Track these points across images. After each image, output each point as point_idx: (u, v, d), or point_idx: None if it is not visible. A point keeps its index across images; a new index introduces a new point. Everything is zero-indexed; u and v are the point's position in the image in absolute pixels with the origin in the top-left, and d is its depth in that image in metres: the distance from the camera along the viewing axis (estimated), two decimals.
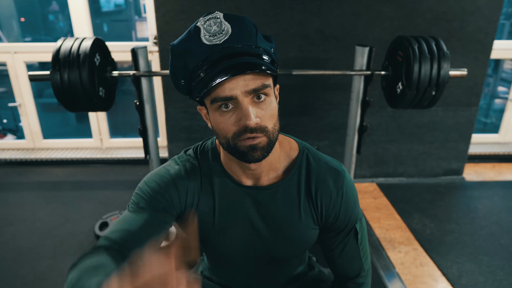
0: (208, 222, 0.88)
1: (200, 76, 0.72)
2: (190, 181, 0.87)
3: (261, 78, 0.72)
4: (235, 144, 0.75)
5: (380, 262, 2.08)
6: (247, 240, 0.90)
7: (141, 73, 1.77)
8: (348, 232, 0.90)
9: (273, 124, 0.76)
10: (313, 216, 0.88)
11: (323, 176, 0.87)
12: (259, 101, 0.73)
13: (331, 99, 2.71)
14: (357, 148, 2.01)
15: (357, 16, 2.51)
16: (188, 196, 0.87)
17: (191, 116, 2.69)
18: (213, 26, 0.71)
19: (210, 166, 0.88)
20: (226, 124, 0.74)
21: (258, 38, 0.75)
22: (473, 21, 2.57)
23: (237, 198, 0.87)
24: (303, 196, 0.87)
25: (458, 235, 2.32)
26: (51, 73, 1.60)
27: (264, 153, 0.76)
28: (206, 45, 0.71)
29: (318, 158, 0.89)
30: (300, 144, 0.91)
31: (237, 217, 0.88)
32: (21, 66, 3.02)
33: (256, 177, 0.86)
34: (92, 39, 1.66)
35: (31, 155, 3.24)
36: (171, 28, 2.47)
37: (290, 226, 0.88)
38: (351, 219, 0.90)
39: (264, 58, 0.74)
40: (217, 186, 0.87)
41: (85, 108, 1.70)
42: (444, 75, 1.67)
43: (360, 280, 0.96)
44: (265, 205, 0.87)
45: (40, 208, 2.57)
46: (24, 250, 2.14)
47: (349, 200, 0.88)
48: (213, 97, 0.72)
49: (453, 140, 2.92)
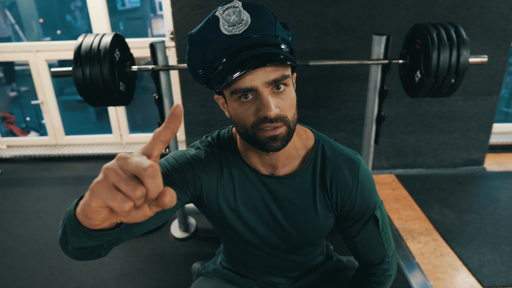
0: (230, 207, 0.89)
1: (219, 67, 0.72)
2: (209, 166, 0.87)
3: (281, 69, 0.72)
4: (254, 134, 0.76)
5: (399, 253, 2.07)
6: (266, 227, 0.90)
7: (159, 67, 1.80)
8: (368, 220, 0.91)
9: (292, 113, 0.76)
10: (328, 205, 0.89)
11: (338, 166, 0.87)
12: (278, 91, 0.73)
13: (348, 90, 2.70)
14: (375, 138, 2.00)
15: (373, 6, 2.48)
16: (205, 180, 0.87)
17: (208, 110, 2.72)
18: (232, 16, 0.70)
19: (228, 153, 0.89)
20: (245, 114, 0.74)
21: (277, 27, 0.74)
22: (494, 7, 2.51)
23: (254, 186, 0.88)
24: (318, 185, 0.87)
25: (479, 225, 2.29)
26: (73, 69, 1.65)
27: (284, 143, 0.77)
28: (225, 35, 0.71)
29: (334, 148, 0.89)
30: (316, 134, 0.92)
31: (256, 204, 0.88)
32: (42, 64, 3.11)
33: (273, 166, 0.86)
34: (112, 35, 1.70)
35: (54, 151, 3.33)
36: (187, 23, 2.49)
37: (305, 215, 0.88)
38: (369, 207, 0.90)
39: (282, 47, 0.73)
40: (236, 173, 0.88)
41: (106, 103, 1.74)
42: (463, 62, 1.65)
43: (385, 266, 0.97)
44: (282, 194, 0.88)
45: (64, 202, 2.65)
46: (50, 242, 2.22)
47: (365, 188, 0.88)
48: (233, 88, 0.72)
49: (474, 130, 2.87)
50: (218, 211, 0.90)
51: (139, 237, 2.24)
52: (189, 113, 2.76)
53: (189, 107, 2.74)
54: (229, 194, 0.88)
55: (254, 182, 0.88)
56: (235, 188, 0.88)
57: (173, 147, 2.04)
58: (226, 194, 0.88)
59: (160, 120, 1.93)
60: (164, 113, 1.93)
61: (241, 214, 0.89)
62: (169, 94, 1.92)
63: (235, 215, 0.89)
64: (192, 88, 2.68)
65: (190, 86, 2.67)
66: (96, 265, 2.01)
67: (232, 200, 0.89)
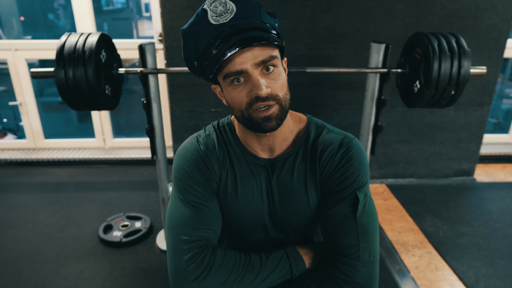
0: (233, 194, 0.90)
1: (211, 54, 0.76)
2: (214, 156, 0.89)
3: (268, 50, 0.76)
4: (249, 115, 0.79)
5: (394, 267, 2.01)
6: (266, 211, 0.92)
7: (148, 70, 1.70)
8: (346, 197, 0.84)
9: (284, 92, 0.79)
10: (317, 184, 0.89)
11: (329, 141, 0.88)
12: (268, 72, 0.77)
13: (341, 98, 2.65)
14: (371, 149, 1.95)
15: (368, 13, 2.44)
16: (216, 171, 0.90)
17: (197, 116, 2.62)
18: (219, 7, 0.75)
19: (228, 139, 0.92)
20: (239, 97, 0.78)
21: (262, 14, 0.78)
22: (487, 19, 2.50)
23: (254, 171, 0.90)
24: (308, 165, 0.88)
25: (473, 237, 2.26)
26: (55, 70, 1.53)
27: (278, 121, 0.79)
28: (214, 25, 0.75)
29: (326, 128, 0.91)
30: (309, 117, 0.95)
31: (257, 189, 0.90)
32: (22, 64, 2.96)
33: (271, 149, 0.89)
34: (98, 35, 1.59)
35: (32, 155, 3.17)
36: (177, 24, 2.40)
37: (298, 194, 0.89)
38: (352, 183, 0.84)
39: (270, 31, 0.77)
40: (236, 159, 0.90)
41: (91, 107, 1.63)
42: (464, 73, 1.61)
43: (352, 258, 0.83)
44: (278, 175, 0.90)
45: (42, 210, 2.50)
46: (26, 254, 2.07)
47: (353, 160, 0.85)
48: (225, 72, 0.76)
49: (465, 140, 2.86)
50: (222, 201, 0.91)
51: (122, 249, 2.12)
52: (177, 118, 2.66)
53: (177, 112, 2.64)
54: (232, 180, 0.90)
55: (254, 166, 0.90)
56: (235, 174, 0.90)
57: (161, 154, 1.93)
58: (229, 181, 0.90)
59: (148, 126, 1.82)
60: (152, 119, 1.83)
61: (244, 198, 0.90)
62: (157, 98, 1.82)
63: (238, 200, 0.90)
64: (180, 92, 2.58)
65: (179, 90, 2.57)
66: (75, 280, 1.88)
67: (235, 186, 0.90)
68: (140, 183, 2.88)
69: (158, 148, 1.90)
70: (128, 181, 2.92)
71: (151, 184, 2.83)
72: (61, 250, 2.11)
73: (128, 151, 3.22)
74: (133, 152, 3.21)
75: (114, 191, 2.75)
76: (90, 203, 2.59)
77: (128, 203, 2.58)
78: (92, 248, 2.13)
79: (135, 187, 2.83)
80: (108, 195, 2.69)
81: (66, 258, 2.04)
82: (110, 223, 2.29)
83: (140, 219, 2.34)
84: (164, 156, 1.96)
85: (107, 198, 2.65)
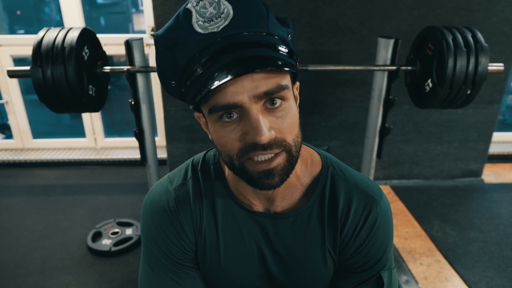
0: (213, 257, 0.71)
1: (195, 73, 0.54)
2: (187, 214, 0.69)
3: (276, 77, 0.53)
4: (241, 165, 0.57)
5: (401, 277, 1.89)
6: (258, 279, 0.72)
7: (136, 69, 1.56)
8: (369, 278, 0.69)
9: (294, 135, 0.57)
10: (336, 249, 0.70)
11: (350, 200, 0.68)
12: (273, 107, 0.54)
13: (344, 96, 2.51)
14: (378, 152, 1.81)
15: (373, 6, 2.29)
16: (190, 235, 0.70)
17: (192, 115, 2.48)
18: (209, 8, 0.53)
19: (212, 186, 0.70)
20: (229, 139, 0.56)
21: (270, 21, 0.56)
22: (499, 11, 2.36)
23: (244, 227, 0.69)
24: (327, 227, 0.68)
25: (483, 244, 2.13)
26: (31, 68, 1.39)
27: (283, 177, 0.58)
28: (199, 34, 0.53)
29: (346, 178, 0.70)
30: (324, 157, 0.72)
31: (246, 251, 0.70)
32: (7, 60, 2.81)
33: (270, 199, 0.68)
34: (79, 30, 1.45)
35: (19, 156, 3.02)
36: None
37: (310, 263, 0.70)
38: (377, 262, 0.69)
39: (279, 49, 0.55)
40: (220, 212, 0.69)
41: (72, 109, 1.48)
42: (482, 71, 1.47)
43: None
44: (280, 236, 0.69)
45: (28, 216, 2.36)
46: (8, 265, 1.94)
47: (379, 235, 0.68)
48: (211, 105, 0.54)
49: (473, 139, 2.73)
50: (204, 262, 0.72)
51: (111, 259, 1.99)
52: (171, 118, 2.52)
53: (171, 111, 2.50)
54: (211, 240, 0.70)
55: (244, 222, 0.69)
56: (218, 232, 0.69)
57: (151, 159, 1.79)
58: (208, 241, 0.70)
59: (136, 129, 1.68)
60: (141, 121, 1.69)
61: (228, 263, 0.71)
62: (147, 99, 1.68)
63: (221, 265, 0.71)
64: None
65: None
66: None
67: (215, 248, 0.70)
68: (133, 186, 2.75)
69: (148, 152, 1.76)
70: (120, 183, 2.78)
71: (144, 187, 2.70)
72: (46, 260, 1.98)
73: (121, 152, 3.07)
74: (125, 152, 3.07)
75: (105, 194, 2.62)
76: (79, 207, 2.46)
77: (119, 208, 2.45)
78: (80, 257, 1.99)
79: (127, 189, 2.70)
80: (99, 199, 2.55)
81: (52, 269, 1.91)
82: (100, 230, 2.15)
83: (132, 226, 2.20)
84: (155, 161, 1.82)
85: (97, 202, 2.52)
